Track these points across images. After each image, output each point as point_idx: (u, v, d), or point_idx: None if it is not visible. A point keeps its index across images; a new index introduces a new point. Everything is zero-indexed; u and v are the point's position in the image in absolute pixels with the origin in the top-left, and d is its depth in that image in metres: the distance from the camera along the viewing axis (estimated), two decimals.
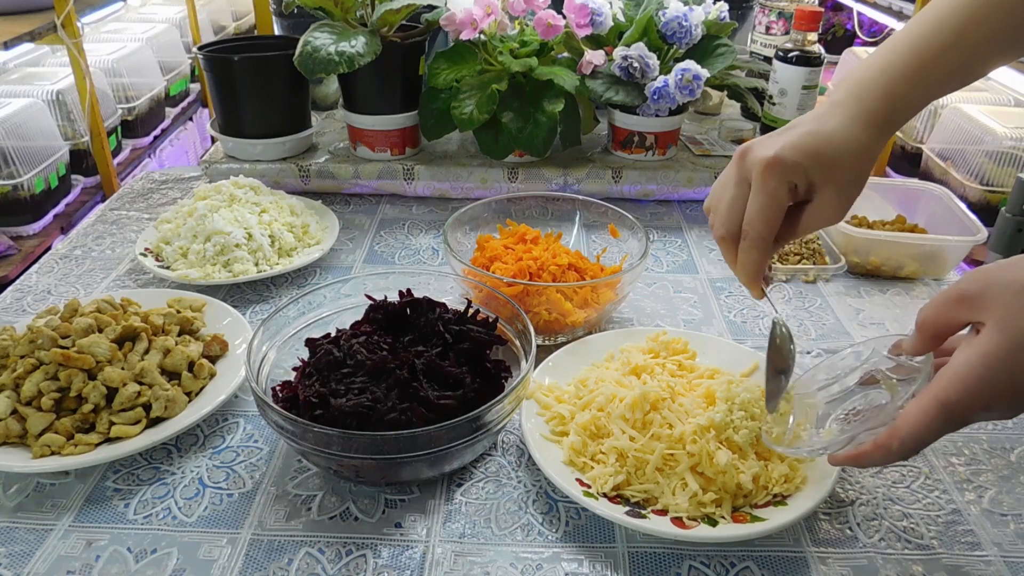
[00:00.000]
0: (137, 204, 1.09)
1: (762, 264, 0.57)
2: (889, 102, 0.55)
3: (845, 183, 0.55)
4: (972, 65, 0.57)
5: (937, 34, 0.55)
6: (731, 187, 0.57)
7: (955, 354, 0.46)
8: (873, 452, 0.49)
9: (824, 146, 0.54)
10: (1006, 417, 0.47)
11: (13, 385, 0.64)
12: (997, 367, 0.44)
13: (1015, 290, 0.45)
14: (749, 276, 0.57)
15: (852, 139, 0.55)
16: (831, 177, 0.54)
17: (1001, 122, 1.60)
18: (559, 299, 0.73)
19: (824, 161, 0.54)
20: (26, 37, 1.67)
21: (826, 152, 0.54)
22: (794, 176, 0.54)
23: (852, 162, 0.54)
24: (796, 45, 1.11)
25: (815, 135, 0.55)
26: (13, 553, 0.55)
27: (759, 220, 0.55)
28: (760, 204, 0.54)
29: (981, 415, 0.46)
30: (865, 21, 2.96)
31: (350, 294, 0.72)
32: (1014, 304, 0.44)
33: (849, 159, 0.54)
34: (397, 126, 1.07)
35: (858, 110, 0.55)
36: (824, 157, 0.54)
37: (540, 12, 0.99)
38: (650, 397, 0.60)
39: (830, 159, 0.54)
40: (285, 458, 0.64)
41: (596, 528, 0.58)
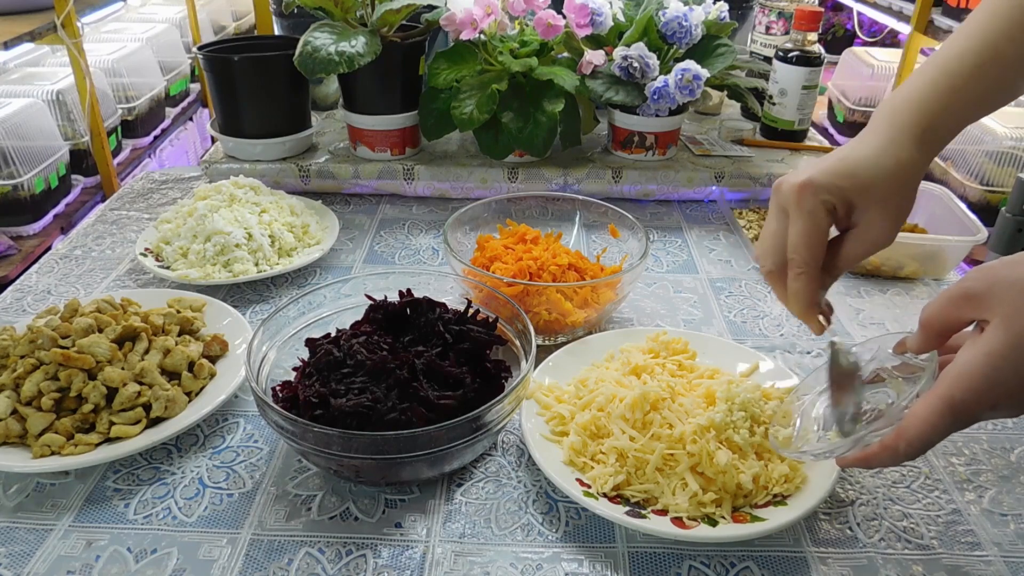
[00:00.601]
0: (137, 204, 1.09)
1: (813, 293, 0.55)
2: (924, 120, 0.54)
3: (887, 202, 0.54)
4: (1011, 82, 0.56)
5: (969, 54, 0.55)
6: (772, 222, 0.56)
7: (960, 352, 0.46)
8: (880, 453, 0.49)
9: (858, 167, 0.54)
10: (1013, 415, 0.46)
11: (13, 385, 0.64)
12: (1002, 365, 0.44)
13: (1021, 287, 0.44)
14: (802, 307, 0.56)
15: (888, 157, 0.54)
16: (871, 196, 0.53)
17: (1001, 122, 1.60)
18: (559, 299, 0.73)
19: (860, 181, 0.53)
20: (26, 37, 1.67)
21: (861, 172, 0.53)
22: (830, 195, 0.53)
23: (890, 180, 0.54)
24: (796, 45, 1.11)
25: (847, 158, 0.54)
26: (13, 553, 0.55)
27: (802, 245, 0.54)
28: (800, 228, 0.54)
29: (988, 414, 0.46)
30: (865, 21, 2.96)
31: (350, 294, 0.72)
32: (1019, 301, 0.44)
33: (887, 177, 0.53)
34: (397, 126, 1.07)
35: (891, 131, 0.55)
36: (860, 177, 0.53)
37: (540, 12, 0.99)
38: (650, 397, 0.60)
39: (866, 179, 0.53)
40: (285, 458, 0.64)
41: (596, 528, 0.58)
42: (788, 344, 0.79)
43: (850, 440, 0.51)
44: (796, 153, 1.15)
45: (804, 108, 1.15)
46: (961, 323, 0.49)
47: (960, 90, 0.55)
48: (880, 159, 0.54)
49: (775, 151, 1.15)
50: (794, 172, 0.55)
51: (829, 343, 0.58)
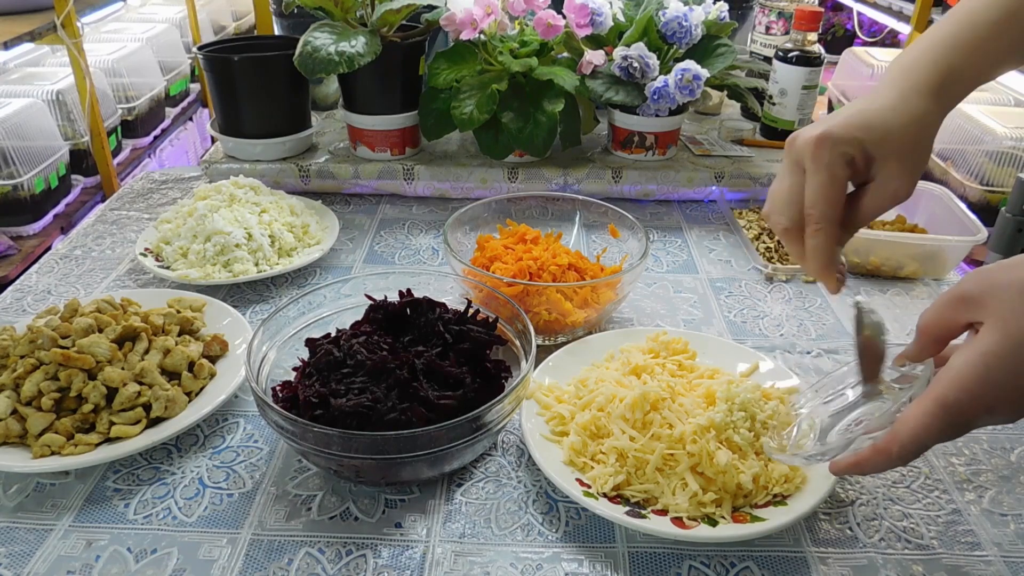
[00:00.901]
0: (137, 204, 1.09)
1: (831, 250, 0.53)
2: (940, 72, 0.54)
3: (905, 153, 0.53)
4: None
5: (994, 8, 0.54)
6: (786, 178, 0.55)
7: (954, 355, 0.46)
8: (873, 457, 0.48)
9: (875, 118, 0.53)
10: (1010, 420, 0.46)
11: (13, 385, 0.64)
12: (997, 366, 0.43)
13: (1017, 290, 0.44)
14: (820, 265, 0.54)
15: (904, 109, 0.53)
16: (888, 147, 0.52)
17: (1001, 122, 1.60)
18: (559, 299, 0.73)
19: (878, 132, 0.52)
20: (26, 37, 1.67)
21: (878, 123, 0.52)
22: (848, 147, 0.52)
23: (907, 130, 0.53)
24: (796, 45, 1.11)
25: (863, 111, 0.53)
26: (13, 553, 0.55)
27: (821, 199, 0.52)
28: (819, 182, 0.52)
29: (984, 418, 0.45)
30: (865, 21, 2.96)
31: (350, 294, 0.72)
32: (1015, 303, 0.44)
33: (903, 128, 0.53)
34: (397, 126, 1.07)
35: (906, 83, 0.54)
36: (877, 128, 0.52)
37: (540, 12, 0.99)
38: (650, 397, 0.60)
39: (883, 130, 0.52)
40: (285, 458, 0.64)
41: (596, 528, 0.58)
42: (788, 344, 0.79)
43: (842, 442, 0.51)
44: None
45: (804, 108, 1.14)
46: (957, 327, 0.48)
47: (982, 45, 0.54)
48: (897, 111, 0.53)
49: (775, 151, 1.15)
50: (809, 126, 0.54)
51: (854, 303, 0.56)
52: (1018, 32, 0.54)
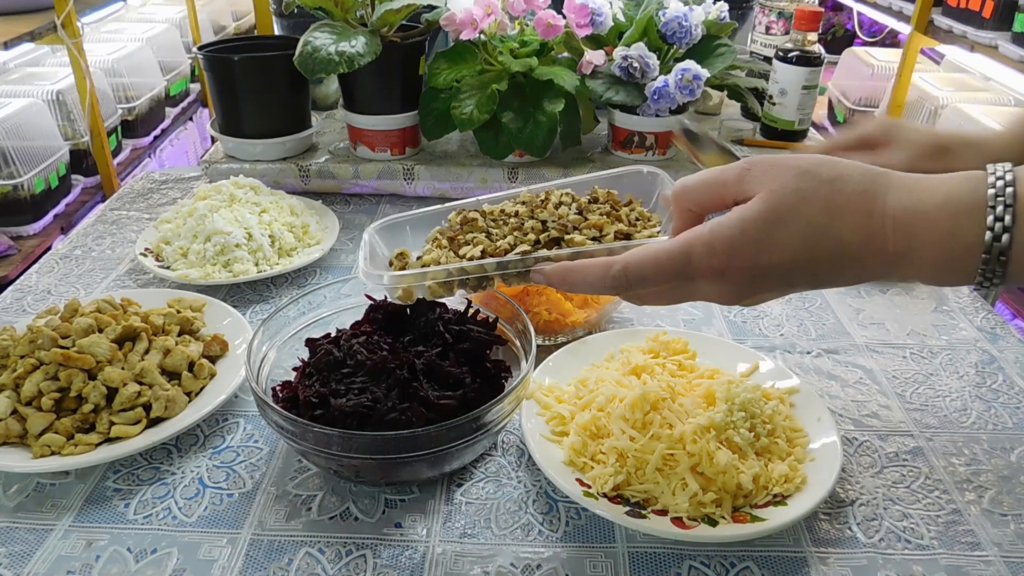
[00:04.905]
0: (137, 204, 1.09)
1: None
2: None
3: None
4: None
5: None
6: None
7: (716, 217, 0.44)
8: (591, 267, 0.46)
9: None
10: (729, 299, 0.45)
11: (13, 385, 0.64)
12: (749, 232, 0.42)
13: (794, 172, 0.43)
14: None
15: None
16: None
17: (1001, 122, 1.60)
18: (559, 299, 0.73)
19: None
20: (26, 37, 1.67)
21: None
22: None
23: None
24: (796, 45, 1.11)
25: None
26: (13, 553, 0.55)
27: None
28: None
29: (711, 283, 0.44)
30: (865, 21, 2.96)
31: (350, 294, 0.72)
32: (787, 182, 0.43)
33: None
34: (397, 126, 1.07)
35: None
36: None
37: (540, 12, 0.99)
38: (650, 397, 0.60)
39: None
40: (285, 458, 0.64)
41: (596, 528, 0.58)
42: (788, 344, 0.79)
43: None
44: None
45: (804, 108, 1.15)
46: (725, 201, 0.46)
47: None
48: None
49: (775, 151, 1.15)
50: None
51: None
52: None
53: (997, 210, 0.38)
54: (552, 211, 0.54)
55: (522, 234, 0.52)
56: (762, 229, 0.42)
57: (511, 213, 0.54)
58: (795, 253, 0.42)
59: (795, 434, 0.62)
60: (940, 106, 1.81)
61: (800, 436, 0.62)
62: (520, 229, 0.52)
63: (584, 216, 0.54)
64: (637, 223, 0.54)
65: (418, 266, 0.54)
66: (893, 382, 0.74)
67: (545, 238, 0.52)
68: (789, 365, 0.75)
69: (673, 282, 0.45)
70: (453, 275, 0.51)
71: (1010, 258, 0.39)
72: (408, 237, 0.59)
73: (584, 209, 0.55)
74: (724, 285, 0.44)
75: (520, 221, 0.53)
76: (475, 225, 0.54)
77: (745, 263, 0.43)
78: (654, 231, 0.52)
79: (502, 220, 0.54)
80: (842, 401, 0.71)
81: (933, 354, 0.78)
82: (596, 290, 0.48)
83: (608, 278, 0.46)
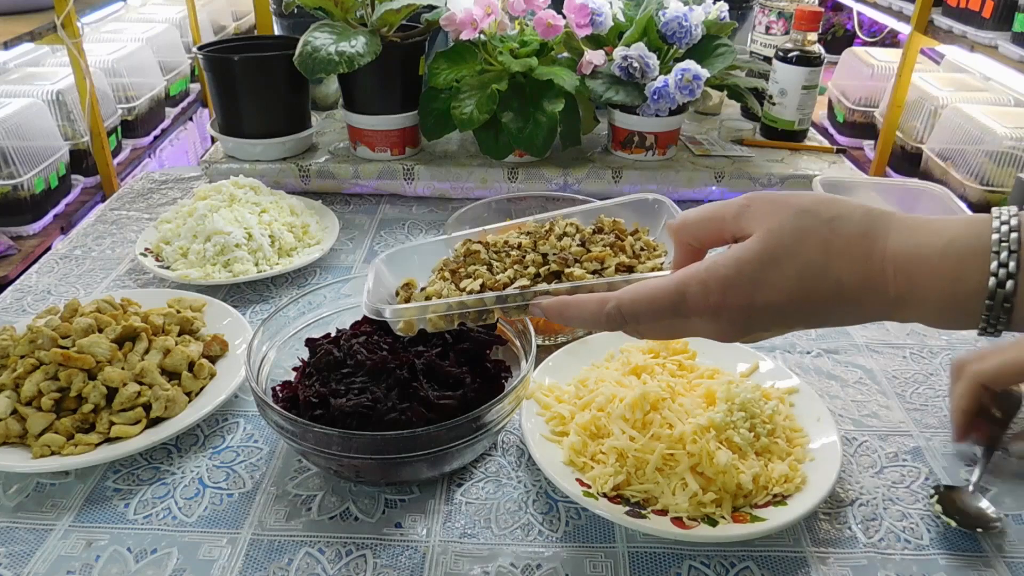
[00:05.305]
0: (137, 204, 1.09)
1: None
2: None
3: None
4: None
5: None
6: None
7: (712, 255, 0.44)
8: (587, 304, 0.47)
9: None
10: (724, 337, 0.45)
11: (13, 385, 0.64)
12: (745, 272, 0.42)
13: (792, 211, 0.42)
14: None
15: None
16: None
17: (1001, 122, 1.60)
18: None
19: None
20: (26, 37, 1.67)
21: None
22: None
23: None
24: (796, 45, 1.11)
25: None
26: (13, 553, 0.55)
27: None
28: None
29: (705, 321, 0.44)
30: (865, 21, 2.96)
31: (350, 294, 0.72)
32: (786, 222, 0.42)
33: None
34: (397, 126, 1.07)
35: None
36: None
37: (540, 12, 0.99)
38: (650, 397, 0.60)
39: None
40: (285, 458, 0.64)
41: (596, 528, 0.58)
42: (788, 344, 0.79)
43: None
44: (796, 153, 1.15)
45: (804, 108, 1.15)
46: (723, 238, 0.46)
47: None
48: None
49: (775, 151, 1.15)
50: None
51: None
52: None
53: (1001, 256, 0.38)
54: (554, 243, 0.54)
55: (522, 267, 0.52)
56: (758, 269, 0.42)
57: (514, 245, 0.55)
58: (791, 293, 0.42)
59: (795, 434, 0.62)
60: (940, 106, 1.81)
61: (800, 436, 0.62)
62: (521, 262, 0.53)
63: (587, 248, 0.54)
64: (642, 253, 0.54)
65: (422, 298, 0.54)
66: (893, 382, 0.74)
67: (545, 271, 0.52)
68: (789, 365, 0.75)
69: (668, 320, 0.45)
70: (453, 308, 0.51)
71: (1015, 304, 0.38)
72: (415, 266, 0.59)
73: (587, 240, 0.55)
74: (720, 323, 0.44)
75: (522, 254, 0.53)
76: (477, 257, 0.55)
77: (741, 302, 0.43)
78: (657, 262, 0.52)
79: (505, 252, 0.55)
80: (842, 401, 0.71)
81: (933, 354, 0.78)
82: (591, 325, 0.48)
83: (603, 315, 0.46)
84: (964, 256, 0.39)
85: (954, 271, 0.39)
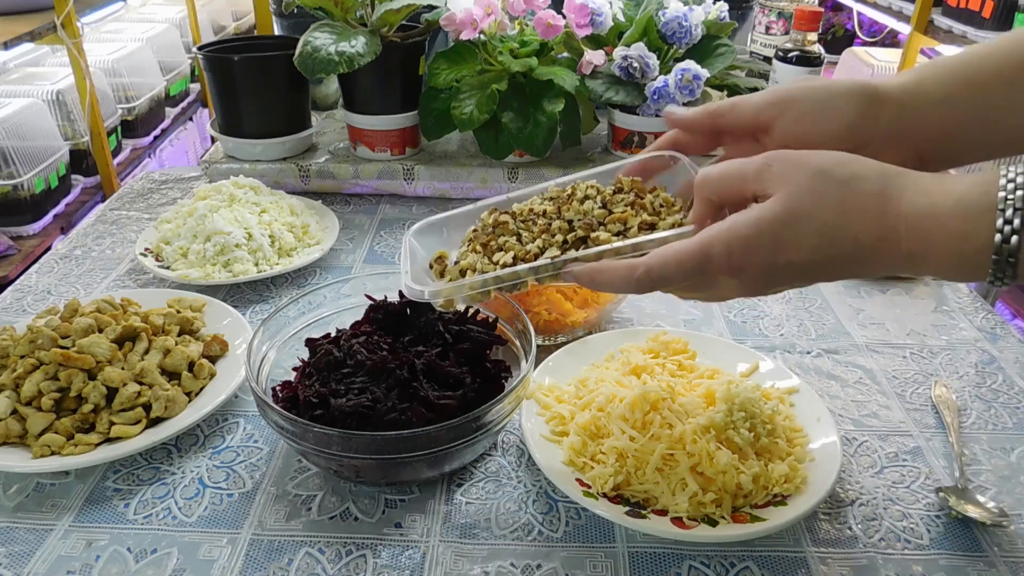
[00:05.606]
0: (137, 204, 1.09)
1: None
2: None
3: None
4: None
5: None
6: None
7: (734, 214, 0.46)
8: (616, 269, 0.48)
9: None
10: (749, 293, 0.47)
11: (13, 385, 0.64)
12: (766, 231, 0.44)
13: (810, 172, 0.44)
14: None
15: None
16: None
17: None
18: (559, 299, 0.73)
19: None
20: (26, 37, 1.67)
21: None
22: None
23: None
24: (796, 45, 1.11)
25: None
26: (13, 553, 0.55)
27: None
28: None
29: (730, 280, 0.46)
30: (865, 21, 2.96)
31: (350, 294, 0.72)
32: (803, 183, 0.44)
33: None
34: (397, 126, 1.07)
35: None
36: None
37: (540, 12, 0.99)
38: (650, 397, 0.60)
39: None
40: (285, 458, 0.64)
41: (596, 528, 0.58)
42: (788, 344, 0.79)
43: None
44: None
45: None
46: (744, 196, 0.47)
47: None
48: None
49: None
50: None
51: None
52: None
53: (1007, 213, 0.40)
54: (578, 208, 0.55)
55: (550, 236, 0.54)
56: (779, 230, 0.44)
57: (539, 212, 0.56)
58: (811, 252, 0.44)
59: (795, 434, 0.62)
60: None
61: (800, 436, 0.62)
62: (548, 231, 0.54)
63: (609, 209, 0.55)
64: (661, 210, 0.55)
65: (456, 271, 0.56)
66: (893, 382, 0.74)
67: (572, 238, 0.54)
68: (789, 365, 0.75)
69: (696, 280, 0.47)
70: (489, 284, 0.53)
71: (1019, 259, 0.40)
72: (445, 236, 0.60)
73: (608, 202, 0.56)
74: (744, 281, 0.46)
75: (548, 222, 0.54)
76: (506, 228, 0.55)
77: (763, 260, 0.45)
78: (677, 218, 0.54)
79: (531, 220, 0.56)
80: (842, 401, 0.71)
81: (933, 354, 0.78)
82: (622, 290, 0.50)
83: (632, 280, 0.48)
84: (972, 214, 0.41)
85: (962, 228, 0.41)
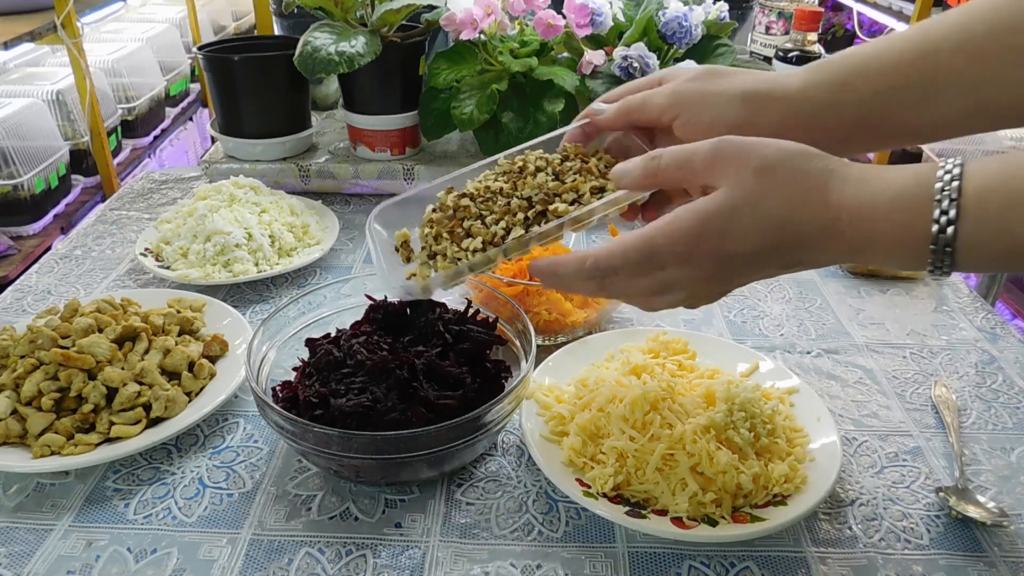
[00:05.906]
0: (137, 204, 1.09)
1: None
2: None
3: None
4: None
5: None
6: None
7: (680, 207, 0.47)
8: (568, 263, 0.50)
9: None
10: (706, 284, 0.47)
11: (13, 385, 0.64)
12: (710, 223, 0.45)
13: (755, 167, 0.45)
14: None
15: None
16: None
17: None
18: (559, 299, 0.73)
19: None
20: (26, 37, 1.67)
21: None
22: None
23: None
24: (796, 45, 1.11)
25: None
26: (13, 553, 0.55)
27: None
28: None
29: (677, 269, 0.47)
30: (865, 21, 2.96)
31: (350, 294, 0.72)
32: (747, 178, 0.45)
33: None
34: (397, 126, 1.06)
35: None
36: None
37: (540, 12, 0.99)
38: (650, 397, 0.60)
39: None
40: (285, 458, 0.64)
41: (596, 528, 0.58)
42: (788, 344, 0.79)
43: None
44: None
45: None
46: (694, 187, 0.49)
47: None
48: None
49: None
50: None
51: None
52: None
53: (943, 204, 0.41)
54: (532, 183, 0.56)
55: (512, 216, 0.55)
56: (724, 220, 0.45)
57: (496, 191, 0.56)
58: (757, 241, 0.45)
59: (795, 434, 0.62)
60: None
61: (800, 436, 0.62)
62: (508, 211, 0.55)
63: (561, 180, 0.57)
64: (607, 171, 0.57)
65: (424, 255, 0.56)
66: (893, 382, 0.74)
67: (533, 214, 0.55)
68: (789, 365, 0.75)
69: (644, 270, 0.47)
70: (462, 271, 0.54)
71: (956, 248, 0.41)
72: (410, 217, 0.60)
73: (559, 172, 0.57)
74: (694, 270, 0.47)
75: (506, 201, 0.55)
76: (469, 212, 0.56)
77: (710, 247, 0.46)
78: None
79: (491, 199, 0.56)
80: (842, 401, 0.71)
81: (933, 354, 0.78)
82: (576, 286, 0.51)
83: (583, 271, 0.49)
84: (910, 205, 0.42)
85: (902, 219, 0.43)
